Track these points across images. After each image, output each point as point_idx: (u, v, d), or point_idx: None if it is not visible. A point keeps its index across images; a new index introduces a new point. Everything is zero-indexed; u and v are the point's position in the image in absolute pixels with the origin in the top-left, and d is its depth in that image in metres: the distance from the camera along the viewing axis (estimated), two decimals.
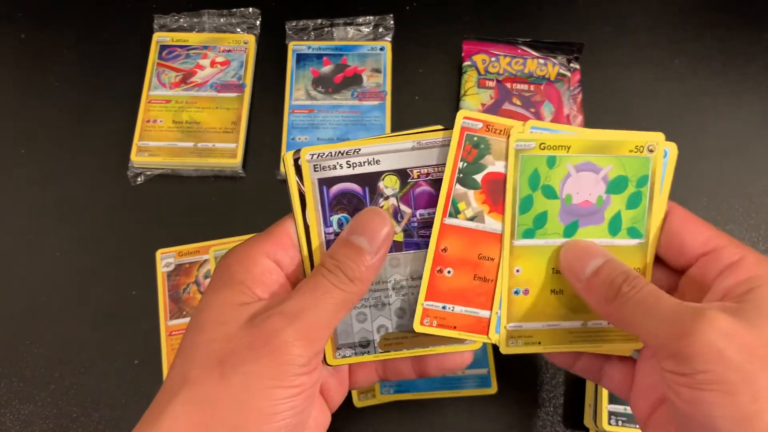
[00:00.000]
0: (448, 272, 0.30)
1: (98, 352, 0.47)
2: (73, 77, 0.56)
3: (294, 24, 0.56)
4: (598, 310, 0.28)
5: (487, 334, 0.30)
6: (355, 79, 0.54)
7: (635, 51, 0.56)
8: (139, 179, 0.52)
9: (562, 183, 0.30)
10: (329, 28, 0.56)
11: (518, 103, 0.52)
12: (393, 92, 0.54)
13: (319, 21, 0.56)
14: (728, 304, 0.25)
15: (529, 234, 0.30)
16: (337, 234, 0.30)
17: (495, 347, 0.46)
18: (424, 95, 0.55)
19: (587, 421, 0.44)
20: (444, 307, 0.30)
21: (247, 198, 0.52)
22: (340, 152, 0.30)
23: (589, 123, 0.52)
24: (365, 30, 0.56)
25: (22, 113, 0.55)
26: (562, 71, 0.53)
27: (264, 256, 0.29)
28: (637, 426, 0.42)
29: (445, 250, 0.30)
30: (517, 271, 0.30)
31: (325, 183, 0.30)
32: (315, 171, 0.30)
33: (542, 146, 0.29)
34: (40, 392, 0.46)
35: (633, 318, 0.26)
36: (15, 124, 0.55)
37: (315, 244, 0.30)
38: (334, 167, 0.30)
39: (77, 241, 0.50)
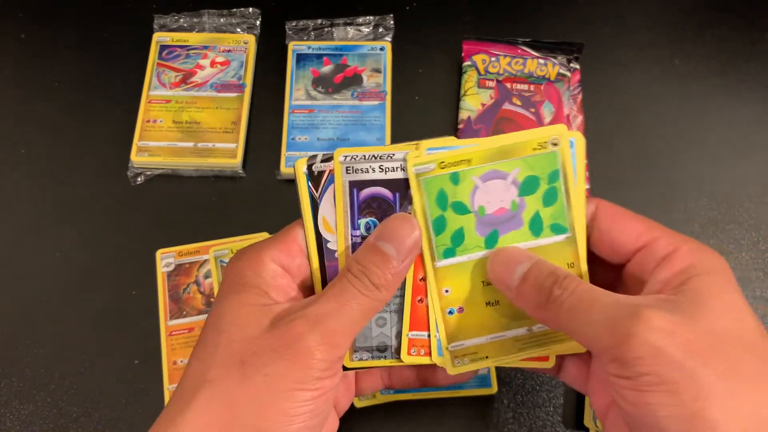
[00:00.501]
0: (419, 300, 0.30)
1: (98, 352, 0.47)
2: (73, 77, 0.56)
3: (294, 24, 0.56)
4: (534, 316, 0.28)
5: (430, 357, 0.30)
6: (355, 79, 0.54)
7: (635, 51, 0.56)
8: (139, 179, 0.52)
9: (472, 196, 0.29)
10: (329, 28, 0.56)
11: (518, 103, 0.52)
12: (393, 92, 0.54)
13: (319, 21, 0.56)
14: (664, 297, 0.25)
15: (449, 253, 0.30)
16: (363, 237, 0.30)
17: None
18: (424, 95, 0.55)
19: (587, 421, 0.44)
20: (426, 335, 0.31)
21: (247, 198, 0.52)
22: (374, 156, 0.30)
23: (589, 123, 0.52)
24: (365, 30, 0.56)
25: (22, 113, 0.55)
26: (562, 71, 0.53)
27: (271, 260, 0.29)
28: None
29: (422, 279, 0.30)
30: (447, 291, 0.30)
31: (356, 186, 0.30)
32: (347, 173, 0.30)
33: (442, 165, 0.29)
34: (40, 392, 0.46)
35: (569, 323, 0.26)
36: (15, 124, 0.55)
37: (341, 247, 0.30)
38: (367, 170, 0.30)
39: (77, 241, 0.50)
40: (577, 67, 0.53)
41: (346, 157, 0.30)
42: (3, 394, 0.46)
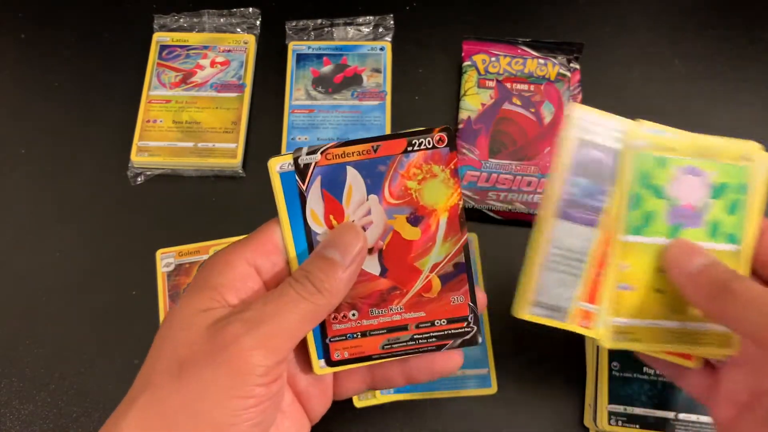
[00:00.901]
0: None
1: (98, 352, 0.47)
2: (73, 77, 0.56)
3: (294, 24, 0.56)
4: (701, 306, 0.29)
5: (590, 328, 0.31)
6: (355, 79, 0.54)
7: (635, 51, 0.56)
8: (139, 179, 0.52)
9: (670, 184, 0.31)
10: (329, 28, 0.56)
11: (518, 103, 0.52)
12: (393, 92, 0.54)
13: (319, 21, 0.56)
14: None
15: (637, 231, 0.31)
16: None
17: (495, 348, 0.46)
18: (424, 95, 0.55)
19: (587, 421, 0.44)
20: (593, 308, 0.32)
21: (247, 198, 0.52)
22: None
23: None
24: (365, 30, 0.56)
25: (22, 113, 0.55)
26: (562, 71, 0.53)
27: (243, 261, 0.28)
28: (637, 426, 0.42)
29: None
30: (624, 267, 0.31)
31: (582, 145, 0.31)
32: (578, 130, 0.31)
33: (654, 146, 0.31)
34: (40, 392, 0.46)
35: (742, 314, 0.26)
36: (15, 124, 0.55)
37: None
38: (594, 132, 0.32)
39: (77, 241, 0.50)
40: (577, 67, 0.53)
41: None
42: (3, 394, 0.46)
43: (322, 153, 0.30)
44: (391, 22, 0.56)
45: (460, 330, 0.31)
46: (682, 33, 0.57)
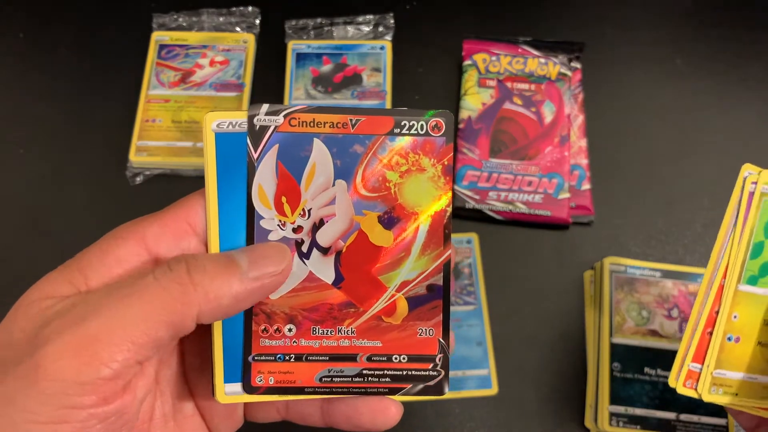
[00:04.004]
0: (708, 332, 0.30)
1: None
2: (71, 77, 0.56)
3: (293, 23, 0.56)
4: None
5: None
6: (354, 79, 0.54)
7: (637, 50, 0.56)
8: (138, 179, 0.52)
9: None
10: (329, 27, 0.56)
11: (519, 102, 0.52)
12: (393, 92, 0.53)
13: (319, 20, 0.56)
14: None
15: (753, 281, 0.29)
16: None
17: (495, 348, 0.45)
18: (424, 95, 0.54)
19: (588, 421, 0.44)
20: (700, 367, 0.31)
21: None
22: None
23: (590, 122, 0.52)
24: (365, 29, 0.56)
25: (20, 113, 0.55)
26: (563, 70, 0.53)
27: (139, 242, 0.22)
28: (638, 427, 0.42)
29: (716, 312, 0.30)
30: (735, 317, 0.29)
31: None
32: None
33: None
34: None
35: None
36: (14, 124, 0.54)
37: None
38: None
39: (76, 241, 0.50)
40: (578, 66, 0.53)
41: None
42: None
43: (285, 116, 0.24)
44: (391, 21, 0.56)
45: (423, 373, 0.25)
46: (683, 32, 0.56)
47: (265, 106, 0.24)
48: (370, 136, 0.24)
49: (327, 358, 0.24)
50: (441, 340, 0.25)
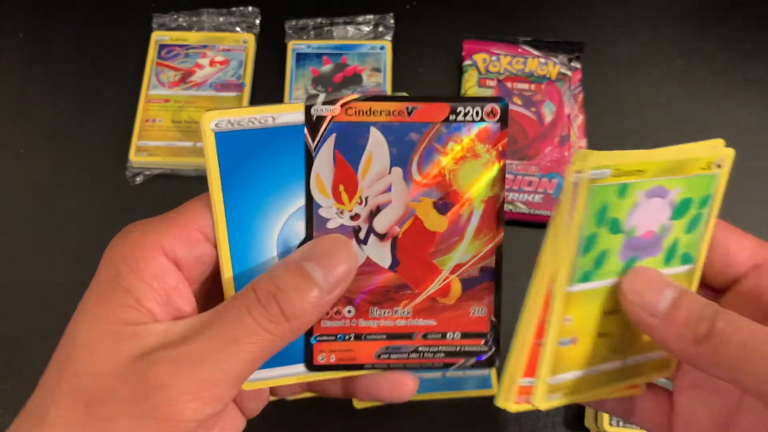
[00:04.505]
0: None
1: None
2: (71, 76, 0.56)
3: (293, 23, 0.56)
4: (678, 350, 0.23)
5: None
6: (354, 79, 0.54)
7: (637, 50, 0.56)
8: (138, 179, 0.52)
9: (629, 214, 0.25)
10: (329, 27, 0.56)
11: (519, 102, 0.52)
12: (393, 92, 0.53)
13: (319, 20, 0.56)
14: None
15: (586, 277, 0.25)
16: None
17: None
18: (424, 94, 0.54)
19: (588, 422, 0.44)
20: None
21: None
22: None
23: (590, 122, 0.52)
24: (365, 29, 0.56)
25: (20, 113, 0.55)
26: (563, 70, 0.53)
27: (159, 252, 0.22)
28: (638, 427, 0.42)
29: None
30: (568, 320, 0.25)
31: None
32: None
33: (616, 173, 0.24)
34: None
35: (737, 362, 0.21)
36: (13, 123, 0.54)
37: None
38: None
39: (76, 242, 0.50)
40: (578, 66, 0.53)
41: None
42: (3, 396, 0.46)
43: (342, 105, 0.24)
44: (391, 21, 0.56)
45: (475, 348, 0.26)
46: (683, 32, 0.56)
47: (322, 96, 0.24)
48: (426, 124, 0.25)
49: (385, 336, 0.26)
50: (492, 318, 0.26)
